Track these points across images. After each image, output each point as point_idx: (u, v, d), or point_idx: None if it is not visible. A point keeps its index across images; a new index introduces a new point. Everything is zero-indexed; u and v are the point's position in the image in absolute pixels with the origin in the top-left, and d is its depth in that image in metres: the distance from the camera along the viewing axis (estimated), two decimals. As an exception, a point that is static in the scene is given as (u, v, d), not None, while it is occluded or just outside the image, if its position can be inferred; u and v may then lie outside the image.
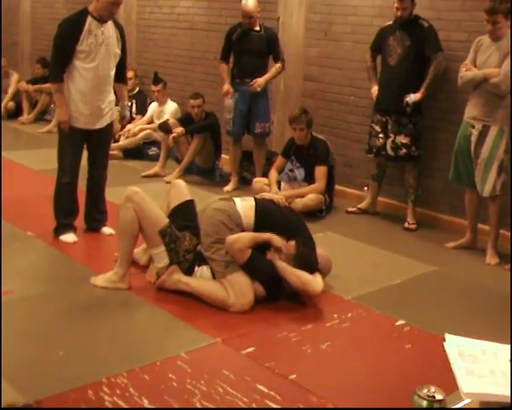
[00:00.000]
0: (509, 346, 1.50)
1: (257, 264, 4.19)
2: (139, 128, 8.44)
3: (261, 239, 4.23)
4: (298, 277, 4.14)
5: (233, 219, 4.28)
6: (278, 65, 6.95)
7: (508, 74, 5.12)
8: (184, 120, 7.68)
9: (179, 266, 4.29)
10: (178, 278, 4.25)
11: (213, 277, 4.25)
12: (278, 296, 4.26)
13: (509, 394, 1.29)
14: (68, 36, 4.92)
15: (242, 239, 4.16)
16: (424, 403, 1.49)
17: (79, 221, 5.36)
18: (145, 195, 4.39)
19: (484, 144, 5.27)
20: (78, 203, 5.33)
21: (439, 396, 1.50)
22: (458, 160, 5.52)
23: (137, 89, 8.89)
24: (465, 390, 1.32)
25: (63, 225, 5.21)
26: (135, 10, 9.78)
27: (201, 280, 4.25)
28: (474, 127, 5.33)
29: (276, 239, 4.22)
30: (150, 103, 8.84)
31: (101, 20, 4.95)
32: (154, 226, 4.29)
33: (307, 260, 4.24)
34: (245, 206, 4.42)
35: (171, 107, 8.51)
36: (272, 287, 4.23)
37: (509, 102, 5.23)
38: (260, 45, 6.87)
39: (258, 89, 6.84)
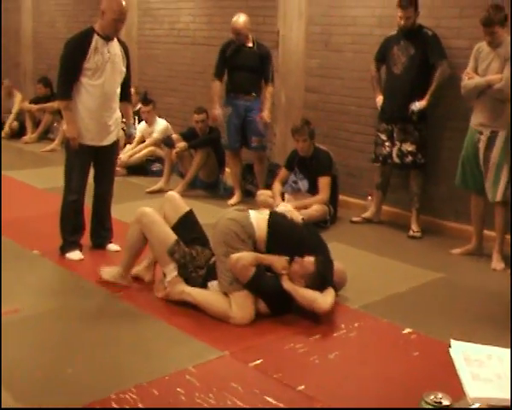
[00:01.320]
0: (514, 350, 1.51)
1: (261, 282, 4.18)
2: (128, 155, 8.47)
3: (264, 262, 4.21)
4: (304, 297, 4.12)
5: (246, 231, 4.26)
6: (270, 89, 7.05)
7: (509, 79, 5.14)
8: (188, 134, 7.71)
9: (193, 284, 4.30)
10: (182, 289, 4.27)
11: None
12: (282, 314, 4.24)
13: (515, 397, 1.30)
14: (75, 54, 4.97)
15: (246, 257, 4.14)
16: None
17: (85, 238, 5.37)
18: (155, 215, 4.46)
19: (493, 149, 5.29)
20: (84, 221, 5.35)
21: (445, 402, 1.50)
22: (465, 166, 5.53)
23: (139, 106, 8.91)
24: (471, 395, 1.33)
25: (69, 242, 5.22)
26: (135, 27, 9.85)
27: (204, 291, 4.27)
28: (482, 134, 5.35)
29: (278, 264, 4.19)
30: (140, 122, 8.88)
31: (107, 38, 5.01)
32: (163, 246, 4.34)
33: (323, 278, 4.21)
34: (259, 218, 4.40)
35: (160, 125, 8.57)
36: (276, 305, 4.22)
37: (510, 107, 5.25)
38: (253, 61, 6.95)
39: (268, 120, 7.00)
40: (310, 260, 4.18)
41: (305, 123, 6.42)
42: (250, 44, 7.00)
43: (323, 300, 4.11)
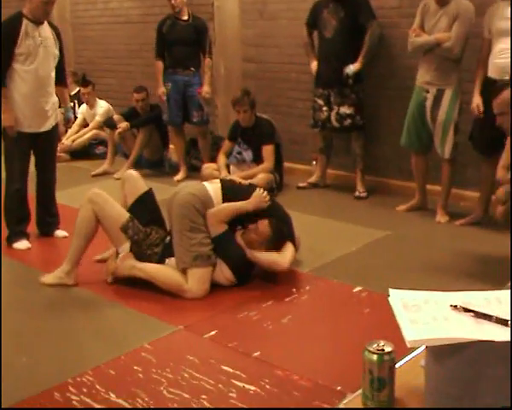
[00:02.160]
0: (450, 293, 1.56)
1: (229, 240, 4.24)
2: (71, 140, 8.36)
3: (242, 210, 4.29)
4: (266, 261, 4.22)
5: (204, 204, 4.26)
6: (208, 61, 7.00)
7: (459, 38, 5.20)
8: (129, 114, 7.65)
9: (148, 262, 4.28)
10: (133, 264, 4.25)
11: None
12: (247, 281, 4.29)
13: (451, 336, 1.34)
14: (5, 40, 4.85)
15: (223, 212, 4.23)
16: (374, 357, 1.54)
17: (32, 227, 5.31)
18: (107, 196, 4.40)
19: (440, 108, 5.35)
20: (29, 209, 5.27)
21: (387, 349, 1.55)
22: (410, 126, 5.59)
23: (77, 89, 8.79)
24: (408, 338, 1.37)
25: (15, 232, 5.15)
26: (68, 9, 9.68)
27: (156, 265, 4.26)
28: (428, 92, 5.40)
29: (260, 202, 4.35)
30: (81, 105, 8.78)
31: (37, 22, 4.90)
32: (117, 224, 4.31)
33: (280, 238, 4.29)
34: (214, 188, 4.42)
35: (102, 107, 8.46)
36: (241, 270, 4.25)
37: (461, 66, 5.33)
38: (189, 35, 6.90)
39: (208, 95, 6.97)
40: (264, 224, 4.25)
41: (245, 93, 6.41)
42: (185, 17, 6.95)
43: (282, 259, 4.22)
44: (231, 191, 4.47)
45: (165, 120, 7.27)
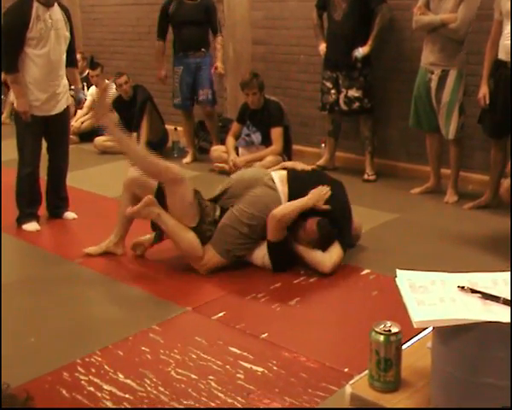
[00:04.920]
0: (457, 274, 1.55)
1: (283, 249, 4.19)
2: (80, 122, 8.35)
3: (304, 208, 4.19)
4: (310, 260, 4.17)
5: (274, 204, 4.23)
6: (219, 39, 6.92)
7: (465, 19, 5.18)
8: (116, 102, 7.61)
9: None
10: (159, 212, 4.17)
11: None
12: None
13: (457, 317, 1.34)
14: (17, 24, 4.83)
15: (287, 217, 4.13)
16: (381, 338, 1.55)
17: (41, 209, 5.32)
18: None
19: (444, 89, 5.34)
20: (40, 192, 5.29)
21: (394, 330, 1.56)
22: (418, 106, 5.58)
23: (87, 71, 8.78)
24: (415, 319, 1.37)
25: (26, 214, 5.16)
26: (77, -9, 9.66)
27: (181, 225, 4.16)
28: (433, 73, 5.39)
29: (318, 199, 4.23)
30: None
31: (47, 4, 4.86)
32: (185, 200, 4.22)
33: (327, 240, 4.20)
34: (280, 177, 4.42)
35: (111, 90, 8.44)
36: (281, 265, 4.22)
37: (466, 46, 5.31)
38: (197, 15, 6.81)
39: (222, 71, 6.93)
40: (312, 224, 4.17)
41: (254, 76, 6.37)
42: None
43: (327, 261, 4.15)
44: (296, 181, 4.44)
45: (177, 104, 7.21)
